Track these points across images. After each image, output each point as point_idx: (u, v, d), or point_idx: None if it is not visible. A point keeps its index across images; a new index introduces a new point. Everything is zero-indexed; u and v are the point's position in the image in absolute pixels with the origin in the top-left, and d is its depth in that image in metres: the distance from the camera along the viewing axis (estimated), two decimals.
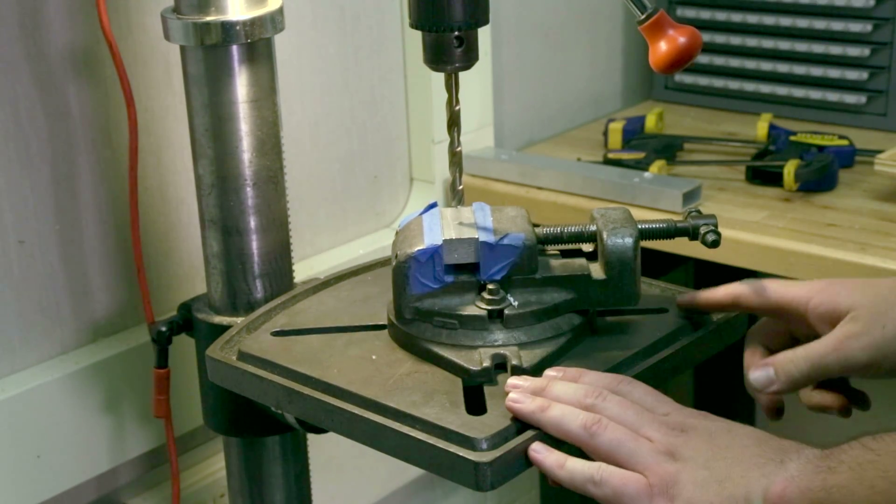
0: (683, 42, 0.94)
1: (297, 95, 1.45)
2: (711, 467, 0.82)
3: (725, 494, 0.81)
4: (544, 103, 1.88)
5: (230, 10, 1.10)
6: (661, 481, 0.82)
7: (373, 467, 1.59)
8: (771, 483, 0.79)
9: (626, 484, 0.83)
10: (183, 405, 1.30)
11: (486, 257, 0.97)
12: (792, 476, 0.79)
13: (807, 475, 0.78)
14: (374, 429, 0.89)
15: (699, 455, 0.83)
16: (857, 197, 1.53)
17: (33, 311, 1.24)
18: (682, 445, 0.84)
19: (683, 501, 0.81)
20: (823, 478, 0.77)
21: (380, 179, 1.60)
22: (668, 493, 0.82)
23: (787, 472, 0.79)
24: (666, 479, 0.82)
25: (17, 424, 1.22)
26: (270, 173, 1.16)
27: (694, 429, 0.85)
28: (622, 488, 0.83)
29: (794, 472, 0.79)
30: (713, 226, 1.00)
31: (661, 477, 0.82)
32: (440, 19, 0.97)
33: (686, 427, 0.86)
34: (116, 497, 1.36)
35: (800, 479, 0.78)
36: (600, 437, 0.85)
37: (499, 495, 1.92)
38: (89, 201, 1.27)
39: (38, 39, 1.19)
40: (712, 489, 0.81)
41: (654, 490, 0.82)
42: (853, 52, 1.78)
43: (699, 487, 0.81)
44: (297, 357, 1.00)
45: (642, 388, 0.90)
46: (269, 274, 1.19)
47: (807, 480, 0.78)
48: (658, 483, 0.82)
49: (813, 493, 0.77)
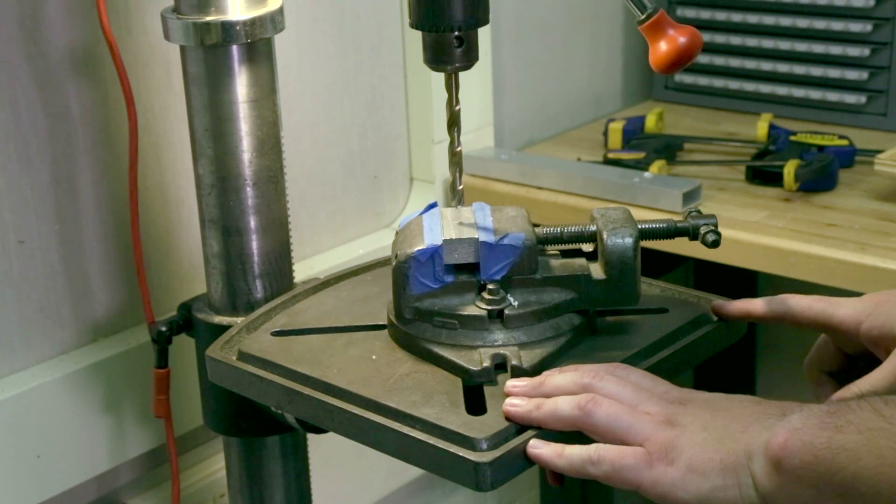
0: (683, 42, 0.94)
1: (297, 95, 1.45)
2: (710, 428, 0.81)
3: (725, 450, 0.79)
4: (544, 103, 1.88)
5: (230, 10, 1.10)
6: (659, 447, 0.81)
7: (373, 467, 1.59)
8: (772, 433, 0.77)
9: (623, 456, 0.82)
10: (183, 405, 1.30)
11: (486, 257, 0.97)
12: (795, 428, 0.76)
13: (810, 429, 0.75)
14: (374, 429, 0.89)
15: (698, 419, 0.82)
16: (857, 197, 1.53)
17: (33, 311, 1.24)
18: (681, 413, 0.83)
19: (683, 463, 0.80)
20: (829, 436, 0.74)
21: (380, 179, 1.60)
22: (668, 458, 0.81)
23: (790, 423, 0.77)
24: (665, 444, 0.81)
25: (17, 424, 1.22)
26: (270, 173, 1.16)
27: (692, 400, 0.84)
28: (620, 461, 0.82)
29: (796, 423, 0.76)
30: (713, 226, 1.00)
31: (660, 443, 0.81)
32: (440, 19, 0.97)
33: (684, 399, 0.85)
34: (116, 497, 1.36)
35: (803, 432, 0.75)
36: (596, 413, 0.84)
37: (499, 495, 1.92)
38: (89, 201, 1.27)
39: (38, 39, 1.19)
40: (711, 447, 0.80)
41: (653, 457, 0.81)
42: (853, 52, 1.78)
43: (698, 447, 0.80)
44: (297, 357, 1.00)
45: (639, 372, 0.90)
46: (269, 274, 1.19)
47: (810, 434, 0.75)
48: (656, 450, 0.81)
49: (816, 449, 0.74)
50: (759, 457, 0.77)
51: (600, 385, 0.86)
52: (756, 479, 0.78)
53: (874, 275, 1.32)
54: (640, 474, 0.81)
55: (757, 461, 0.78)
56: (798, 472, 0.75)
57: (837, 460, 0.73)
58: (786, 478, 0.76)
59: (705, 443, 0.80)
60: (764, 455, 0.77)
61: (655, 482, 0.81)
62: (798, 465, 0.75)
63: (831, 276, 1.35)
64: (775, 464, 0.76)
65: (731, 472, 0.79)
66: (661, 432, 0.82)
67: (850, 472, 0.72)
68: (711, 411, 0.83)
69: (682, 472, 0.80)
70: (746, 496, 0.78)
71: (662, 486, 0.81)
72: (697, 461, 0.80)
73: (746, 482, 0.78)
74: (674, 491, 0.80)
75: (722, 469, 0.79)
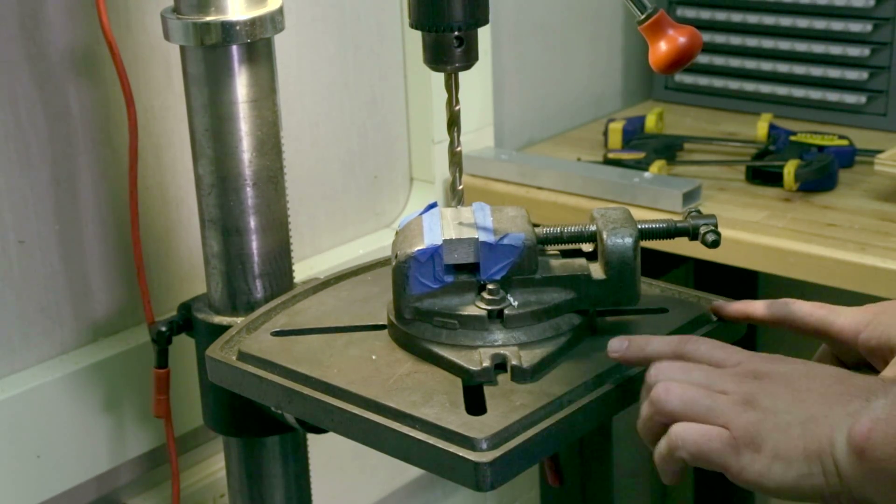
0: (683, 42, 0.94)
1: (297, 95, 1.45)
2: (793, 411, 0.79)
3: (809, 436, 0.77)
4: (544, 103, 1.88)
5: (230, 10, 1.10)
6: (744, 433, 0.79)
7: (373, 467, 1.59)
8: (856, 422, 0.75)
9: (710, 439, 0.80)
10: (183, 405, 1.30)
11: (486, 257, 0.96)
12: (878, 418, 0.74)
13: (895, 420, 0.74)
14: (374, 429, 0.89)
15: (779, 401, 0.80)
16: (857, 197, 1.53)
17: (33, 311, 1.24)
18: (760, 393, 0.81)
19: (769, 451, 0.78)
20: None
21: (380, 179, 1.60)
22: (754, 444, 0.79)
23: (874, 412, 0.75)
24: (749, 429, 0.79)
25: (17, 424, 1.22)
26: (270, 173, 1.16)
27: (769, 375, 0.82)
28: (707, 444, 0.80)
29: (880, 413, 0.75)
30: (713, 226, 1.00)
31: (744, 428, 0.79)
32: (440, 19, 0.97)
33: (760, 374, 0.83)
34: (116, 497, 1.36)
35: (888, 423, 0.74)
36: (669, 402, 0.82)
37: (499, 495, 1.92)
38: (89, 201, 1.27)
39: (38, 39, 1.19)
40: (796, 432, 0.78)
41: (740, 442, 0.79)
42: (853, 52, 1.78)
43: (783, 433, 0.78)
44: (297, 357, 1.00)
45: (708, 343, 0.88)
46: (269, 274, 1.19)
47: (895, 426, 0.73)
48: (742, 435, 0.79)
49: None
50: (841, 445, 0.76)
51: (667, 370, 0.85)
52: (839, 467, 0.76)
53: (874, 275, 1.32)
54: (728, 460, 0.80)
55: (840, 449, 0.76)
56: (882, 463, 0.74)
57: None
58: (869, 467, 0.74)
59: (789, 428, 0.78)
60: (847, 444, 0.76)
61: (743, 469, 0.79)
62: (881, 456, 0.74)
63: (831, 276, 1.35)
64: (858, 453, 0.75)
65: (816, 459, 0.77)
66: (743, 416, 0.80)
67: None
68: (792, 391, 0.81)
69: (768, 460, 0.79)
70: (831, 484, 0.77)
71: (750, 475, 0.79)
72: (783, 449, 0.78)
73: (830, 469, 0.77)
74: (761, 480, 0.79)
75: (806, 456, 0.78)
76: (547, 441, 0.87)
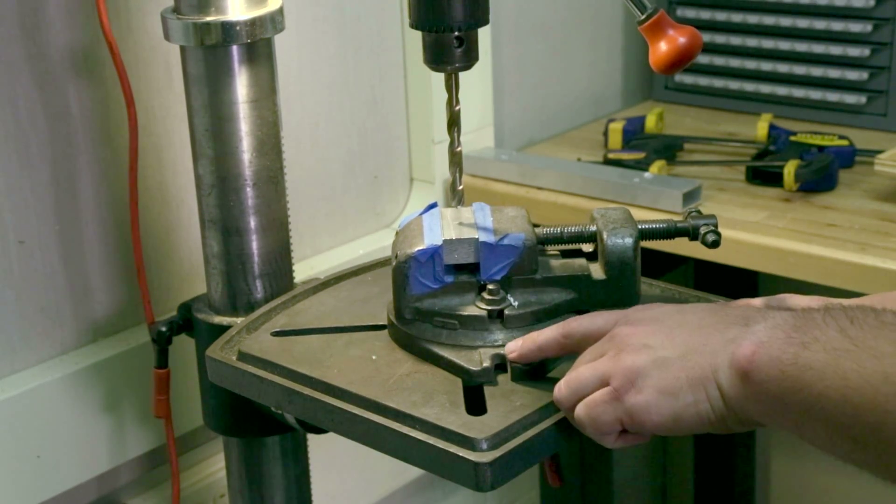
0: (683, 42, 0.94)
1: (297, 95, 1.45)
2: (668, 346, 0.81)
3: (690, 366, 0.79)
4: (544, 103, 1.88)
5: (230, 11, 1.10)
6: (623, 379, 0.81)
7: (373, 467, 1.59)
8: (738, 346, 0.77)
9: (594, 407, 0.83)
10: (183, 405, 1.30)
11: (486, 257, 0.97)
12: (761, 341, 0.76)
13: (777, 343, 0.75)
14: (374, 429, 0.89)
15: (653, 339, 0.82)
16: (857, 197, 1.53)
17: (33, 311, 1.24)
18: (633, 336, 0.83)
19: (652, 387, 0.80)
20: (795, 352, 0.74)
21: (380, 179, 1.60)
22: (636, 387, 0.81)
23: (755, 335, 0.77)
24: (627, 374, 0.81)
25: (17, 424, 1.22)
26: (270, 173, 1.16)
27: (640, 321, 0.85)
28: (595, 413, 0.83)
29: (762, 336, 0.76)
30: (713, 226, 1.00)
31: (622, 374, 0.82)
32: (440, 19, 0.97)
33: (632, 320, 0.85)
34: (116, 497, 1.36)
35: (769, 346, 0.75)
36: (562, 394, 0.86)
37: (499, 495, 1.92)
38: (89, 201, 1.27)
39: (38, 39, 1.19)
40: (676, 365, 0.80)
41: (620, 391, 0.81)
42: (853, 52, 1.78)
43: (662, 369, 0.80)
44: (297, 357, 1.00)
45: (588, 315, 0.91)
46: (269, 274, 1.19)
47: (777, 349, 0.75)
48: (621, 383, 0.81)
49: (783, 364, 0.74)
50: (725, 369, 0.78)
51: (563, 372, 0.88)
52: (723, 391, 0.78)
53: (874, 275, 1.32)
54: (616, 413, 0.82)
55: (723, 373, 0.78)
56: (765, 385, 0.75)
57: (804, 378, 0.73)
58: (753, 389, 0.76)
59: (667, 363, 0.80)
60: (730, 367, 0.77)
61: (630, 412, 0.81)
62: (765, 378, 0.75)
63: (831, 277, 1.35)
64: (742, 376, 0.76)
65: (700, 387, 0.79)
66: (619, 364, 0.82)
67: (816, 390, 0.72)
68: (665, 329, 0.82)
69: (653, 396, 0.80)
70: (716, 409, 0.79)
71: (638, 414, 0.81)
72: (665, 383, 0.80)
73: (714, 395, 0.79)
74: (649, 416, 0.81)
75: (690, 386, 0.79)
76: (547, 441, 0.87)
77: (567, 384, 0.86)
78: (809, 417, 0.74)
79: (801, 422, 0.75)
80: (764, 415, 0.77)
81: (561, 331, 0.91)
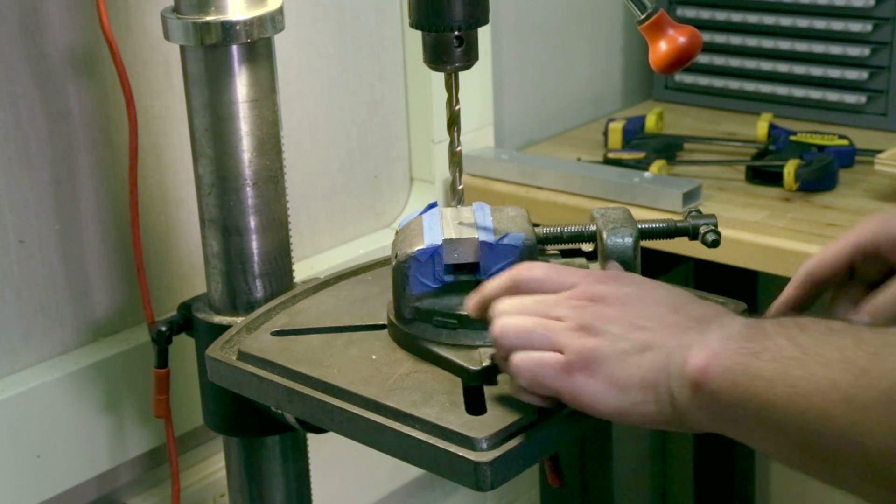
0: (683, 42, 0.94)
1: (297, 95, 1.45)
2: (629, 338, 0.81)
3: (647, 366, 0.80)
4: (544, 103, 1.88)
5: (230, 10, 1.10)
6: (578, 357, 0.81)
7: (373, 467, 1.59)
8: (691, 355, 0.77)
9: (542, 365, 0.82)
10: (183, 405, 1.30)
11: (486, 257, 0.96)
12: (715, 352, 0.76)
13: (730, 354, 0.76)
14: (374, 429, 0.89)
15: (615, 326, 0.82)
16: (857, 197, 1.53)
17: (33, 311, 1.24)
18: (596, 318, 0.82)
19: (604, 376, 0.80)
20: (747, 362, 0.75)
21: (380, 179, 1.60)
22: (589, 369, 0.81)
23: (710, 345, 0.77)
24: (584, 353, 0.81)
25: (17, 424, 1.22)
26: (270, 173, 1.16)
27: (603, 298, 0.84)
28: (540, 370, 0.82)
29: (716, 347, 0.77)
30: (713, 226, 1.00)
31: (578, 352, 0.81)
32: (440, 19, 0.97)
33: (596, 297, 0.84)
34: (116, 497, 1.36)
35: (723, 357, 0.76)
36: (507, 336, 0.84)
37: (499, 495, 1.92)
38: (89, 201, 1.27)
39: (38, 39, 1.19)
40: (632, 361, 0.80)
41: (573, 367, 0.81)
42: (853, 51, 1.78)
43: (618, 360, 0.80)
44: (297, 357, 1.00)
45: (541, 268, 0.89)
46: (269, 274, 1.19)
47: (729, 360, 0.76)
48: (576, 359, 0.81)
49: (735, 375, 0.75)
50: (677, 377, 0.78)
51: (501, 309, 0.86)
52: (674, 396, 0.78)
53: None
54: (561, 384, 0.82)
55: (675, 380, 0.78)
56: (716, 395, 0.76)
57: (753, 387, 0.74)
58: (703, 399, 0.77)
59: (625, 355, 0.80)
60: (682, 376, 0.78)
61: (575, 392, 0.81)
62: (716, 388, 0.76)
63: None
64: (693, 385, 0.77)
65: (651, 389, 0.79)
66: (577, 341, 0.82)
67: (764, 399, 0.73)
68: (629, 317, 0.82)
69: (603, 385, 0.80)
70: (664, 412, 0.79)
71: (582, 398, 0.81)
72: (619, 376, 0.80)
73: (664, 399, 0.79)
74: (594, 404, 0.81)
75: (642, 385, 0.80)
76: (547, 441, 0.87)
77: (516, 333, 0.84)
78: (759, 425, 0.75)
79: (750, 429, 0.76)
80: (712, 423, 0.78)
81: (510, 280, 0.89)
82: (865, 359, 0.70)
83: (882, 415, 0.68)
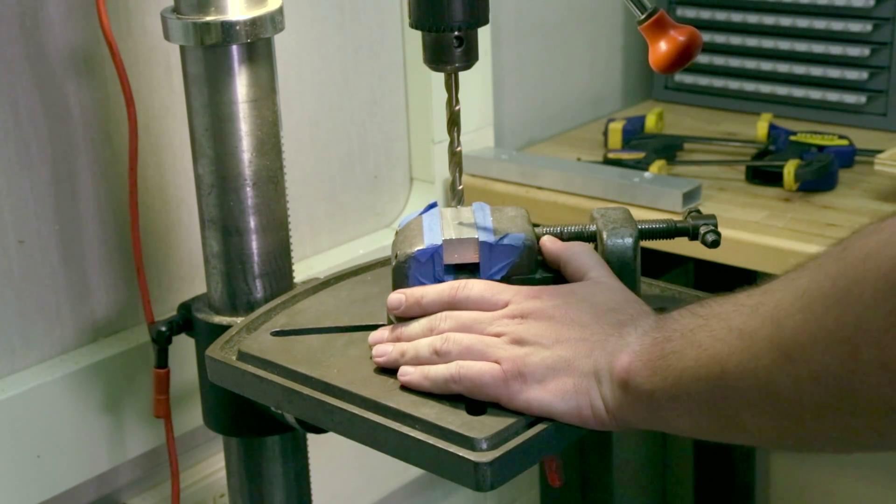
0: (683, 42, 0.94)
1: (297, 95, 1.45)
2: (556, 348, 0.87)
3: (577, 374, 0.86)
4: (544, 103, 1.88)
5: (230, 10, 1.10)
6: (513, 366, 0.87)
7: (373, 467, 1.59)
8: (615, 358, 0.84)
9: (482, 374, 0.88)
10: (183, 405, 1.30)
11: (486, 257, 0.96)
12: (634, 350, 0.83)
13: (647, 347, 0.83)
14: (374, 429, 0.89)
15: (544, 338, 0.88)
16: (857, 197, 1.53)
17: (33, 311, 1.24)
18: (526, 332, 0.88)
19: (536, 382, 0.86)
20: (661, 347, 0.82)
21: (380, 179, 1.60)
22: (522, 376, 0.87)
23: (630, 346, 0.84)
24: (517, 363, 0.87)
25: (17, 424, 1.22)
26: (270, 173, 1.16)
27: (532, 314, 0.89)
28: (480, 378, 0.88)
29: (635, 346, 0.84)
30: (713, 226, 1.00)
31: (513, 362, 0.87)
32: (440, 19, 0.97)
33: (525, 313, 0.90)
34: (116, 497, 1.36)
35: (642, 352, 0.83)
36: (451, 353, 0.90)
37: (499, 495, 1.92)
38: (89, 201, 1.27)
39: (38, 39, 1.19)
40: (562, 370, 0.86)
41: (508, 375, 0.87)
42: (853, 52, 1.78)
43: (549, 369, 0.86)
44: (297, 357, 1.00)
45: (478, 286, 0.94)
46: (269, 274, 1.19)
47: (647, 352, 0.82)
48: (511, 368, 0.87)
49: (654, 362, 0.81)
50: (606, 381, 0.85)
51: (444, 327, 0.92)
52: (606, 400, 0.85)
53: None
54: (498, 390, 0.87)
55: (605, 385, 0.85)
56: (641, 386, 0.82)
57: (668, 365, 0.80)
58: (633, 395, 0.83)
59: (555, 365, 0.86)
60: (611, 380, 0.84)
61: (511, 399, 0.87)
62: (640, 381, 0.82)
63: None
64: (622, 385, 0.83)
65: (584, 395, 0.85)
66: (510, 352, 0.88)
67: (678, 369, 0.79)
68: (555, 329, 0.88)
69: (536, 392, 0.86)
70: (598, 415, 0.85)
71: (519, 402, 0.87)
72: (552, 386, 0.86)
73: (598, 404, 0.85)
74: (529, 407, 0.87)
75: (575, 393, 0.85)
76: (547, 441, 0.87)
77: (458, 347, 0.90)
78: (676, 403, 0.80)
79: (669, 411, 0.81)
80: (640, 418, 0.84)
81: (448, 297, 0.94)
82: (756, 298, 0.76)
83: (765, 337, 0.72)
